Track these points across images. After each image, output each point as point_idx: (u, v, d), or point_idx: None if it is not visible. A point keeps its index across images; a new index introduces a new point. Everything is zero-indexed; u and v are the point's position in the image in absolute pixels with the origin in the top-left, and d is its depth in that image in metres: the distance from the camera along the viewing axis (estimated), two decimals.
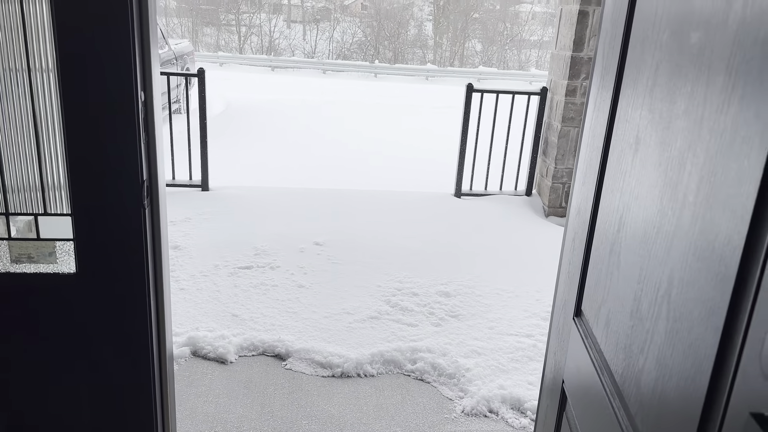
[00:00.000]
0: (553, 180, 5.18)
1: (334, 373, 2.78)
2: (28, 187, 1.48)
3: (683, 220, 0.79)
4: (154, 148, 1.49)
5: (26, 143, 1.45)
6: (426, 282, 3.69)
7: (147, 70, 1.44)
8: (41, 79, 1.42)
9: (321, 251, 4.08)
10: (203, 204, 4.86)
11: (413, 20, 35.16)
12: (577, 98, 4.96)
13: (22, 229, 1.52)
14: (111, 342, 1.62)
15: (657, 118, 0.92)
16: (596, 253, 1.19)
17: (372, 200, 5.24)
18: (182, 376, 2.68)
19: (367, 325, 3.16)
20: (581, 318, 1.27)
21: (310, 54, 32.59)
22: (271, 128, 9.64)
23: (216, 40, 33.49)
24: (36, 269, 1.53)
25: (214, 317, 3.15)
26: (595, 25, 4.76)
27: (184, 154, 5.32)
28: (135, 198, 1.47)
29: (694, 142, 0.78)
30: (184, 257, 3.85)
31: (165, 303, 1.66)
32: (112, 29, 1.37)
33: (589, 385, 1.15)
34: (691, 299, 0.75)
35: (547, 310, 3.39)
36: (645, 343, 0.89)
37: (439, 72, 23.79)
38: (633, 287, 0.96)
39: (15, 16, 1.38)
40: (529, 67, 30.19)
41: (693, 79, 0.80)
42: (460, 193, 5.47)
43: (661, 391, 0.82)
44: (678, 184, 0.81)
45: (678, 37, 0.87)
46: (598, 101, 1.25)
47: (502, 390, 2.64)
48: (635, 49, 1.06)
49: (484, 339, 3.08)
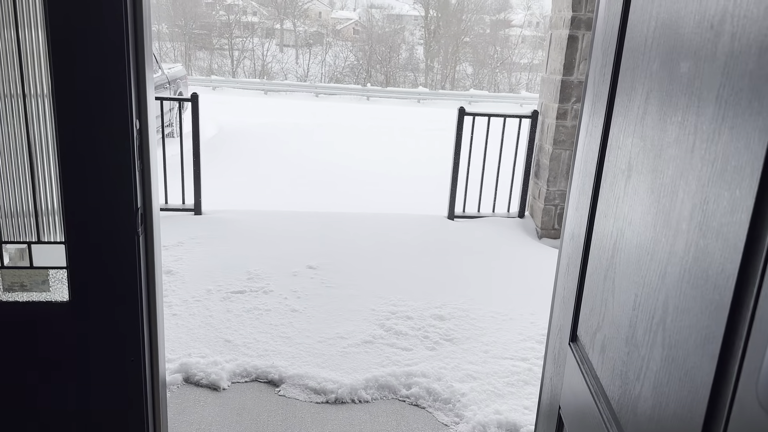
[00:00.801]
0: (545, 202, 5.21)
1: (328, 399, 2.75)
2: (22, 214, 1.47)
3: (677, 247, 0.80)
4: (148, 176, 1.49)
5: (20, 170, 1.45)
6: (420, 305, 3.68)
7: (142, 98, 1.44)
8: (36, 105, 1.42)
9: (314, 275, 4.07)
10: (196, 228, 4.84)
11: (405, 44, 35.61)
12: (568, 121, 5.02)
13: (14, 256, 1.51)
14: (104, 370, 1.60)
15: (649, 146, 0.93)
16: (591, 278, 1.20)
17: (365, 223, 5.25)
18: (174, 404, 2.64)
19: (362, 350, 3.14)
20: (577, 343, 1.27)
21: (303, 77, 32.85)
22: (263, 151, 9.67)
23: (209, 64, 33.73)
24: (29, 297, 1.51)
25: (207, 343, 3.12)
26: (584, 50, 4.83)
27: (177, 178, 5.31)
28: (129, 226, 1.47)
29: (686, 170, 0.79)
30: (177, 282, 3.82)
31: (158, 330, 1.65)
32: (108, 57, 1.37)
33: (585, 411, 1.15)
34: (686, 327, 0.76)
35: (542, 333, 3.38)
36: (641, 369, 0.89)
37: (431, 95, 24.04)
38: (628, 313, 0.96)
39: (10, 42, 1.38)
40: (520, 89, 30.55)
41: (683, 108, 0.81)
42: (453, 215, 5.49)
43: (659, 418, 0.82)
44: (671, 212, 0.82)
45: (668, 67, 0.88)
46: (589, 128, 1.27)
47: (498, 415, 2.62)
48: (626, 77, 1.08)
49: (479, 363, 3.06)
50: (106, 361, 1.59)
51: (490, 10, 36.18)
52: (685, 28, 0.83)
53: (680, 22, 0.85)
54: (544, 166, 5.25)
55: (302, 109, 17.73)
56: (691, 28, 0.81)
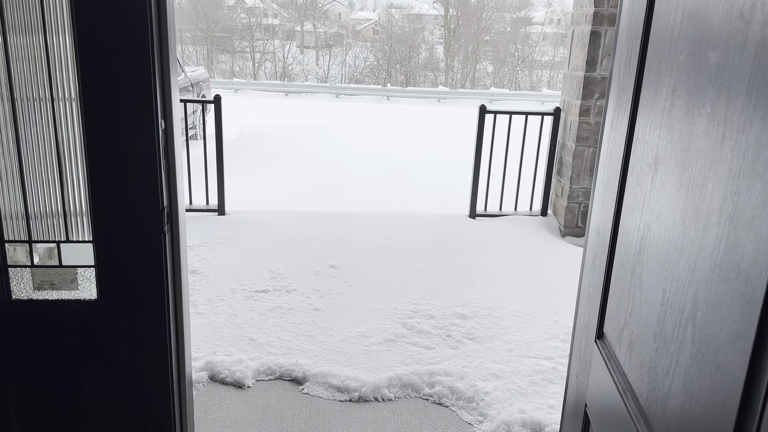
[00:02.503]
0: (568, 200, 5.16)
1: (351, 397, 2.76)
2: (51, 215, 1.50)
3: (707, 240, 0.78)
4: (174, 175, 1.51)
5: (49, 171, 1.48)
6: (442, 304, 3.67)
7: (167, 98, 1.46)
8: (64, 108, 1.45)
9: (336, 274, 4.08)
10: (220, 228, 4.89)
11: (424, 43, 35.54)
12: (591, 118, 4.96)
13: (43, 256, 1.54)
14: (131, 367, 1.63)
15: (676, 139, 0.92)
16: (617, 274, 1.18)
17: (386, 222, 5.25)
18: (200, 402, 2.68)
19: (384, 348, 3.14)
20: (603, 340, 1.26)
21: (323, 78, 32.99)
22: (285, 152, 9.73)
23: (231, 66, 34.06)
24: (58, 296, 1.54)
25: (231, 341, 3.15)
26: (607, 46, 4.78)
27: (200, 179, 5.38)
28: (155, 224, 1.49)
29: (715, 162, 0.77)
30: (202, 281, 3.87)
31: (184, 328, 1.67)
32: (134, 59, 1.40)
33: (613, 409, 1.13)
34: (717, 321, 0.74)
35: (566, 332, 3.35)
36: (670, 366, 0.88)
37: (451, 94, 23.96)
38: (656, 309, 0.95)
39: (39, 48, 1.41)
40: (541, 87, 30.28)
41: (712, 99, 0.80)
42: (474, 213, 5.46)
43: (689, 415, 0.81)
44: (700, 205, 0.81)
45: (696, 58, 0.87)
46: (614, 122, 1.25)
47: (522, 414, 2.60)
48: (651, 69, 1.06)
49: (503, 362, 3.04)
50: (133, 358, 1.62)
51: (510, 8, 35.95)
52: (713, 18, 0.82)
53: (708, 12, 0.83)
54: (567, 164, 5.20)
55: (323, 110, 17.81)
56: (720, 17, 0.79)
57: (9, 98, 1.42)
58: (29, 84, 1.42)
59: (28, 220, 1.49)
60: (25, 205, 1.48)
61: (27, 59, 1.41)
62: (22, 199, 1.47)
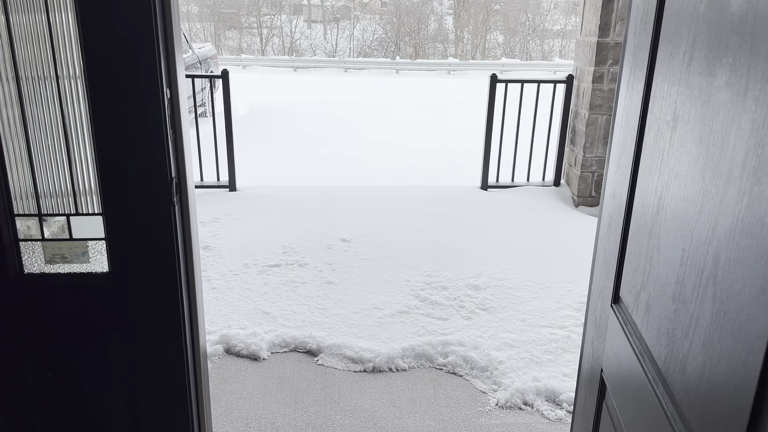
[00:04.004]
0: (581, 169, 5.10)
1: (365, 367, 2.77)
2: (60, 190, 1.50)
3: (728, 196, 0.76)
4: (181, 145, 1.50)
5: (56, 146, 1.47)
6: (455, 275, 3.66)
7: (171, 67, 1.44)
8: (69, 85, 1.44)
9: (348, 247, 4.08)
10: (231, 204, 4.90)
11: (433, 15, 34.98)
12: (604, 85, 4.87)
13: (55, 232, 1.54)
14: (145, 340, 1.64)
15: (696, 93, 0.88)
16: (634, 237, 1.16)
17: (397, 195, 5.23)
18: (216, 374, 2.70)
19: (397, 320, 3.15)
20: (619, 305, 1.24)
21: (332, 53, 32.67)
22: (294, 128, 9.69)
23: (238, 43, 33.80)
24: (70, 269, 1.55)
25: (246, 315, 3.17)
26: (620, 10, 4.66)
27: (211, 155, 5.37)
28: (164, 195, 1.48)
29: (738, 114, 0.74)
30: (215, 257, 3.88)
31: (197, 300, 1.67)
32: (136, 29, 1.37)
33: (630, 373, 1.12)
34: (739, 278, 0.72)
35: (580, 301, 3.33)
36: (689, 326, 0.86)
37: (461, 65, 23.66)
38: (675, 270, 0.92)
39: (42, 26, 1.39)
40: (553, 57, 29.79)
41: (735, 48, 0.77)
42: (486, 185, 5.42)
43: (709, 375, 0.79)
44: (721, 159, 0.78)
45: (716, 7, 0.83)
46: (630, 80, 1.21)
47: (536, 382, 2.60)
48: (669, 22, 1.02)
49: (516, 331, 3.04)
50: (146, 331, 1.63)
51: None
52: None
53: None
54: (580, 132, 5.13)
55: (332, 85, 17.67)
56: None
57: (14, 77, 1.41)
58: (33, 62, 1.41)
59: (37, 196, 1.49)
60: (34, 182, 1.48)
61: (30, 38, 1.39)
62: (31, 174, 1.47)
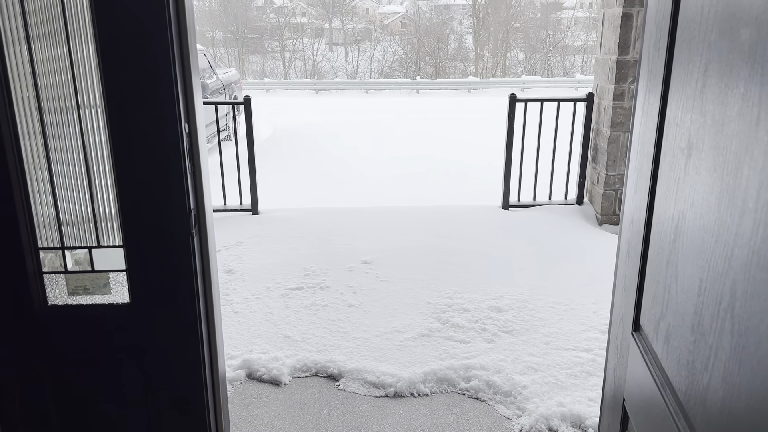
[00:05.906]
0: (604, 187, 5.04)
1: (387, 392, 2.75)
2: (81, 221, 1.53)
3: (744, 227, 0.74)
4: (200, 178, 1.52)
5: (78, 178, 1.51)
6: (476, 297, 3.63)
7: (190, 102, 1.47)
8: (90, 116, 1.47)
9: (369, 269, 4.08)
10: (254, 228, 4.94)
11: (453, 34, 35.21)
12: (625, 102, 4.83)
13: (78, 262, 1.58)
14: (164, 368, 1.65)
15: (709, 122, 0.87)
16: (652, 264, 1.14)
17: (418, 215, 5.22)
18: (238, 399, 2.71)
19: (419, 343, 3.13)
20: (640, 333, 1.22)
21: (353, 74, 33.03)
22: (317, 150, 9.78)
23: (261, 67, 34.40)
24: (92, 300, 1.57)
25: (268, 339, 3.18)
26: (639, 28, 4.63)
27: (234, 179, 5.44)
28: (183, 227, 1.51)
29: (750, 145, 0.73)
30: (237, 281, 3.92)
31: (216, 327, 1.68)
32: (155, 65, 1.41)
33: (651, 403, 1.09)
34: (757, 312, 0.70)
35: (605, 323, 3.27)
36: (709, 359, 0.84)
37: (482, 84, 23.70)
38: (693, 300, 0.91)
39: (63, 57, 1.44)
40: (574, 73, 29.68)
41: (746, 78, 0.76)
42: (507, 204, 5.39)
43: (730, 411, 0.77)
44: (736, 190, 0.77)
45: (727, 35, 0.82)
46: (645, 106, 1.20)
47: (561, 407, 2.55)
48: (682, 50, 1.02)
49: (540, 355, 2.99)
50: (165, 359, 1.64)
51: None
52: None
53: None
54: (602, 150, 5.08)
55: (353, 106, 17.83)
56: None
57: (37, 107, 1.45)
58: (55, 93, 1.45)
59: (60, 227, 1.53)
60: (57, 213, 1.52)
61: (52, 69, 1.44)
62: (54, 207, 1.51)
